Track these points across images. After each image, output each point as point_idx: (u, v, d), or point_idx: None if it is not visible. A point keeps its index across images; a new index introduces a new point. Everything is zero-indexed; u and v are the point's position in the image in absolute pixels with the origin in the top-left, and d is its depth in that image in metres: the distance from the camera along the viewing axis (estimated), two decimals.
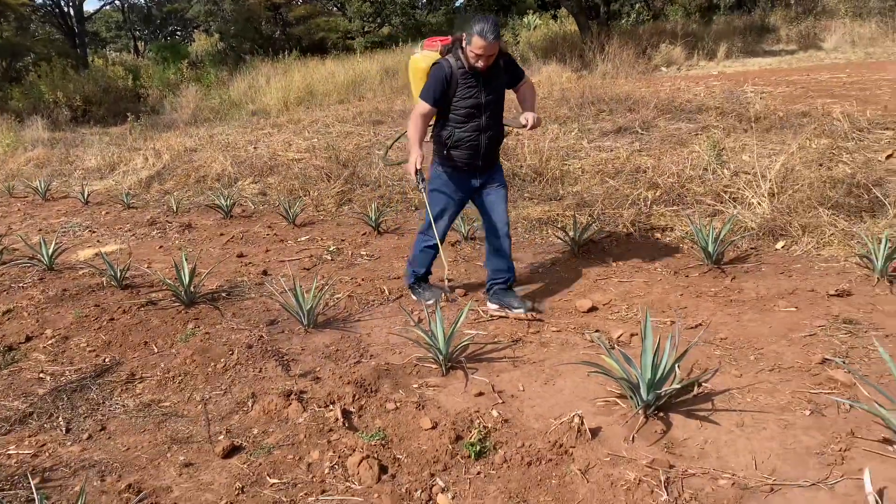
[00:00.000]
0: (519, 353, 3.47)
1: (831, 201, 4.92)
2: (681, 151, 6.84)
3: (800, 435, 2.61)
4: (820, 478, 2.35)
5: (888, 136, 7.02)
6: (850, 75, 12.08)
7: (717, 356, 3.27)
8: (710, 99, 9.88)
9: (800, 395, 2.88)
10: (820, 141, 6.74)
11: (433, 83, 3.69)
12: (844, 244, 4.38)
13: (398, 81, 15.23)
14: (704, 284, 4.15)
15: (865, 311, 3.60)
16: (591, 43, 15.41)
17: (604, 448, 2.59)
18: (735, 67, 14.76)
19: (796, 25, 19.18)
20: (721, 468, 2.44)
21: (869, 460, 2.42)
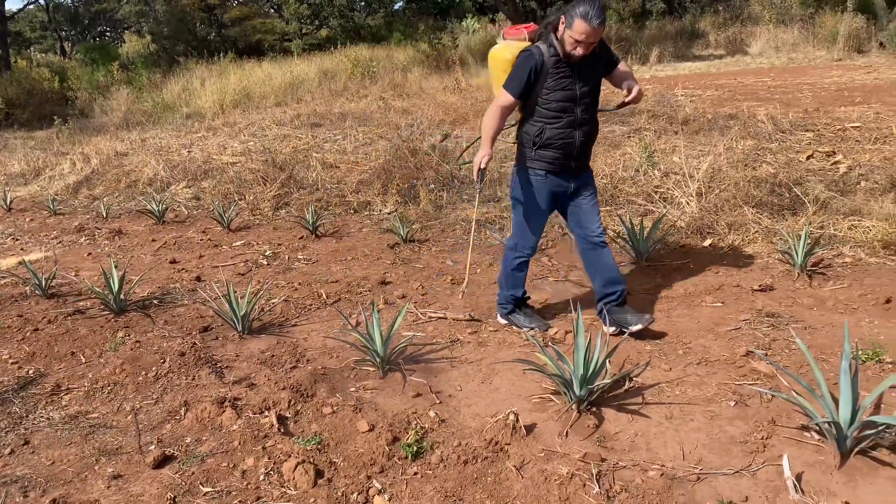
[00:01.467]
0: (457, 354, 3.49)
1: (755, 200, 5.12)
2: (614, 153, 6.99)
3: (725, 425, 2.70)
4: (743, 465, 2.45)
5: (809, 137, 7.34)
6: (775, 79, 12.59)
7: (647, 351, 3.37)
8: (642, 102, 10.14)
9: (725, 386, 2.99)
10: (745, 142, 7.01)
11: (520, 72, 3.28)
12: (767, 241, 4.56)
13: (337, 84, 15.13)
14: (636, 282, 4.26)
15: (786, 304, 3.76)
16: None
17: (538, 444, 2.63)
18: (667, 71, 15.19)
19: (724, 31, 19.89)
20: (651, 460, 2.51)
21: (788, 447, 2.53)
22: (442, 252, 5.09)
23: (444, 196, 6.23)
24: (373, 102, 12.44)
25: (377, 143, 8.63)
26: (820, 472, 2.39)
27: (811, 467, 2.41)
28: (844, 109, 8.69)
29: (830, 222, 4.66)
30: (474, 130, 8.91)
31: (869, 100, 9.33)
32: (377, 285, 4.48)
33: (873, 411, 2.67)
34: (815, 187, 5.22)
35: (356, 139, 9.19)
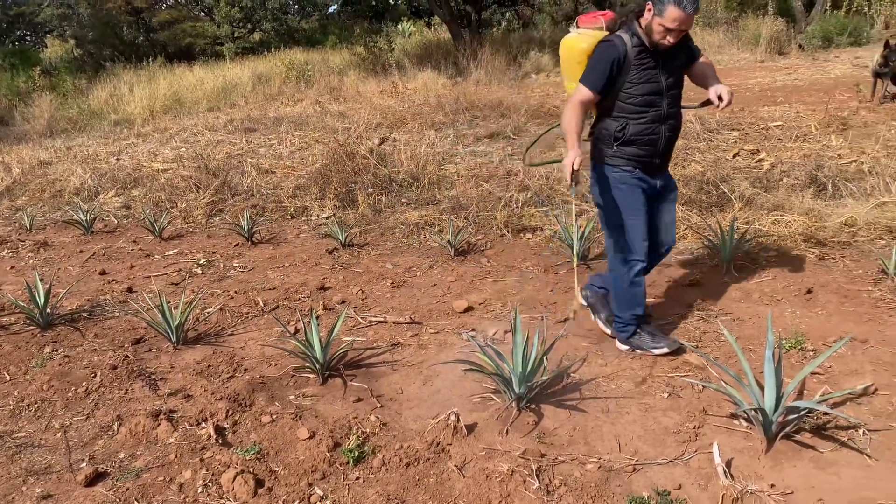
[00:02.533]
0: (398, 357, 3.49)
1: (685, 198, 5.29)
2: (550, 154, 7.11)
3: (659, 416, 2.79)
4: (677, 454, 2.53)
5: (734, 136, 7.63)
6: None
7: (584, 347, 3.44)
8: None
9: (659, 379, 3.08)
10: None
11: (601, 65, 3.01)
12: (697, 237, 4.71)
13: (272, 88, 14.90)
14: (572, 280, 4.33)
15: (715, 297, 3.90)
16: (464, 50, 15.75)
17: (479, 443, 2.65)
18: None
19: None
20: (588, 453, 2.57)
21: (719, 434, 2.62)
22: (382, 256, 5.08)
23: (382, 200, 6.22)
24: (309, 106, 12.32)
25: (314, 148, 8.55)
26: (748, 457, 2.48)
27: (740, 453, 2.51)
28: (767, 109, 9.06)
29: (755, 218, 4.85)
30: (413, 133, 8.93)
31: (790, 99, 9.75)
32: (316, 291, 4.43)
33: (796, 397, 2.79)
34: (741, 184, 5.43)
35: (292, 144, 9.08)
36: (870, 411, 2.72)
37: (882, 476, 2.33)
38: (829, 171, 5.51)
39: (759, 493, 2.27)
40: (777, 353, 2.64)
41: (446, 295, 4.28)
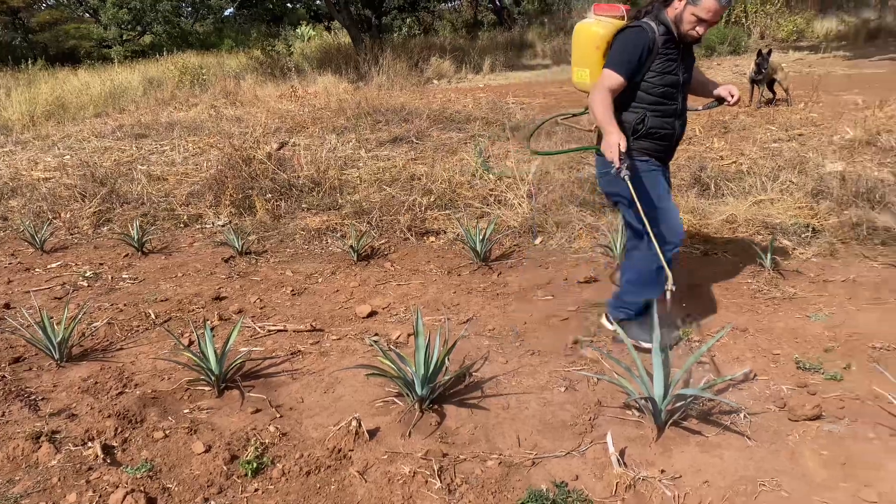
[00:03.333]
0: (298, 366, 3.42)
1: (579, 199, 5.47)
2: (452, 159, 7.18)
3: (557, 410, 2.86)
4: (574, 446, 2.60)
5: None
6: None
7: (485, 346, 3.48)
8: (477, 110, 10.52)
9: (557, 374, 3.16)
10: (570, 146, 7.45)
11: (631, 49, 2.90)
12: (591, 236, 4.88)
13: (164, 92, 14.32)
14: (475, 281, 4.40)
15: (609, 294, 4.03)
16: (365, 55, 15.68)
17: (381, 447, 2.64)
18: (499, 80, 15.85)
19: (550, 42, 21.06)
20: (490, 450, 2.60)
21: (613, 425, 2.71)
22: (281, 263, 4.97)
23: (282, 205, 6.09)
24: (204, 111, 11.91)
25: (209, 153, 8.28)
26: (640, 445, 2.59)
27: (633, 442, 2.61)
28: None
29: None
30: (313, 138, 8.80)
31: None
32: (211, 301, 4.29)
33: (683, 386, 2.92)
34: None
35: (186, 149, 8.75)
36: (750, 396, 2.89)
37: (761, 456, 2.48)
38: (712, 172, 5.85)
39: (650, 479, 2.37)
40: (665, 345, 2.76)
41: (349, 300, 4.24)
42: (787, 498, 2.25)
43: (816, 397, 2.82)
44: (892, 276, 3.99)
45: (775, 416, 2.73)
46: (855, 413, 2.71)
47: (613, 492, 2.32)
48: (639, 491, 2.32)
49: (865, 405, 2.76)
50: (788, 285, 3.95)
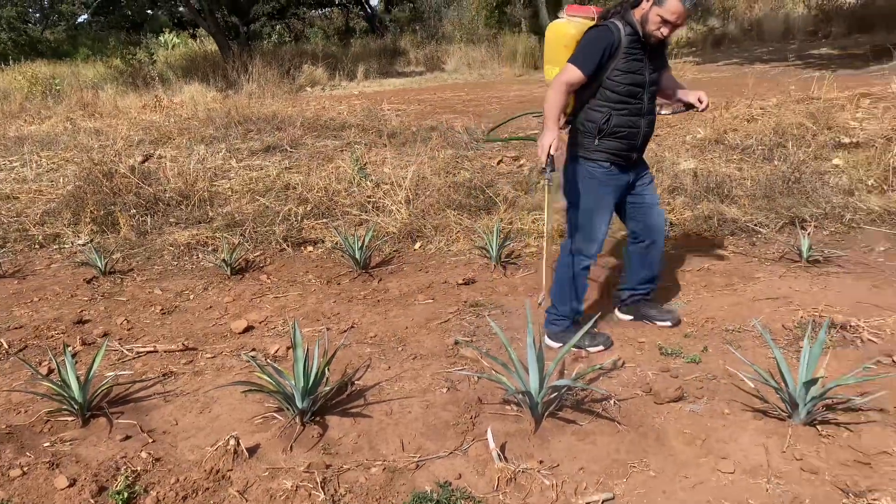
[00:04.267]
0: (171, 388, 3.26)
1: (456, 203, 5.57)
2: (327, 167, 7.11)
3: (439, 411, 2.89)
4: (456, 446, 2.64)
5: (498, 144, 8.19)
6: (468, 93, 13.84)
7: (368, 354, 3.47)
8: (352, 117, 10.48)
9: (439, 375, 3.20)
10: (446, 151, 7.59)
11: (593, 47, 2.96)
12: (468, 239, 4.98)
13: (12, 104, 13.25)
14: (355, 289, 4.37)
15: (487, 293, 4.15)
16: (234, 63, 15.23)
17: (262, 464, 2.57)
18: (374, 87, 15.87)
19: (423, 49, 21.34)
20: (373, 457, 2.60)
21: (493, 421, 2.78)
22: (149, 281, 4.73)
23: (148, 221, 5.79)
24: (59, 124, 11.13)
25: (65, 168, 7.75)
26: (520, 438, 2.67)
27: (512, 436, 2.68)
28: (526, 119, 9.84)
29: (518, 218, 5.24)
30: (181, 149, 8.44)
31: None
32: (73, 326, 4.01)
33: (558, 378, 3.05)
34: (504, 188, 5.83)
35: (39, 165, 8.14)
36: (619, 382, 3.05)
37: (631, 439, 2.62)
38: None
39: (529, 470, 2.45)
40: (538, 339, 2.87)
41: (223, 316, 4.10)
42: (655, 477, 2.39)
43: (678, 380, 3.02)
44: (740, 264, 4.34)
45: (642, 400, 2.89)
46: (712, 392, 2.92)
47: (496, 486, 2.38)
48: (519, 483, 2.39)
49: (721, 384, 2.98)
50: None
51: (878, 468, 2.34)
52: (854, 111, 8.03)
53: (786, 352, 3.13)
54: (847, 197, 5.11)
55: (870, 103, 8.38)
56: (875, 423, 2.60)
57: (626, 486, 2.35)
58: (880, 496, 2.19)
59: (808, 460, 2.41)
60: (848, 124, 7.32)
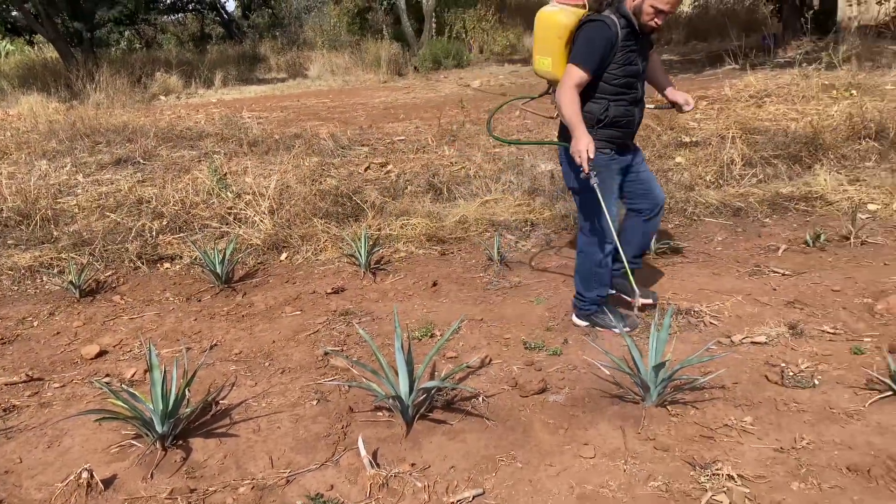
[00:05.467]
0: (13, 423, 3.00)
1: (323, 211, 5.50)
2: (184, 178, 6.80)
3: (310, 424, 2.85)
4: (328, 457, 2.61)
5: (365, 151, 8.17)
6: (333, 100, 13.71)
7: (233, 371, 3.35)
8: (210, 126, 10.08)
9: (308, 388, 3.14)
10: (311, 159, 7.48)
11: (597, 45, 2.98)
12: (337, 247, 4.93)
13: None
14: (217, 305, 4.21)
15: (357, 301, 4.13)
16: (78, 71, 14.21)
17: (120, 495, 2.42)
18: (233, 95, 15.35)
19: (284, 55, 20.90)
20: (241, 477, 2.51)
21: (365, 429, 2.77)
22: None
23: None
24: None
25: None
26: (392, 443, 2.67)
27: (384, 442, 2.69)
28: (392, 125, 9.90)
29: (386, 224, 5.25)
30: (19, 165, 7.77)
31: (410, 116, 10.78)
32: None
33: (429, 379, 3.08)
34: (372, 194, 5.83)
35: None
36: (487, 379, 3.13)
37: (499, 434, 2.70)
38: (444, 178, 6.23)
39: (401, 474, 2.46)
40: (407, 343, 2.89)
41: (73, 342, 3.82)
42: (522, 468, 2.48)
43: (542, 373, 3.14)
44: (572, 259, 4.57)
45: (509, 394, 2.98)
46: (573, 382, 3.06)
47: (368, 494, 2.37)
48: (391, 488, 2.39)
49: (581, 373, 3.13)
50: (514, 275, 4.35)
51: (720, 441, 2.55)
52: (693, 113, 8.72)
53: (639, 339, 3.33)
54: (688, 192, 5.53)
55: (706, 105, 9.12)
56: (717, 400, 2.82)
57: (495, 480, 2.42)
58: (722, 465, 2.38)
59: (661, 439, 2.59)
60: (688, 125, 7.91)
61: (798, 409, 2.72)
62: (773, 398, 2.80)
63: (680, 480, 2.34)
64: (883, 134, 6.27)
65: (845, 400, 2.74)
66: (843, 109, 7.18)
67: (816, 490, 2.25)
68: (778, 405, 2.75)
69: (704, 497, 2.25)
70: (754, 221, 4.98)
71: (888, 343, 3.13)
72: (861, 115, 6.65)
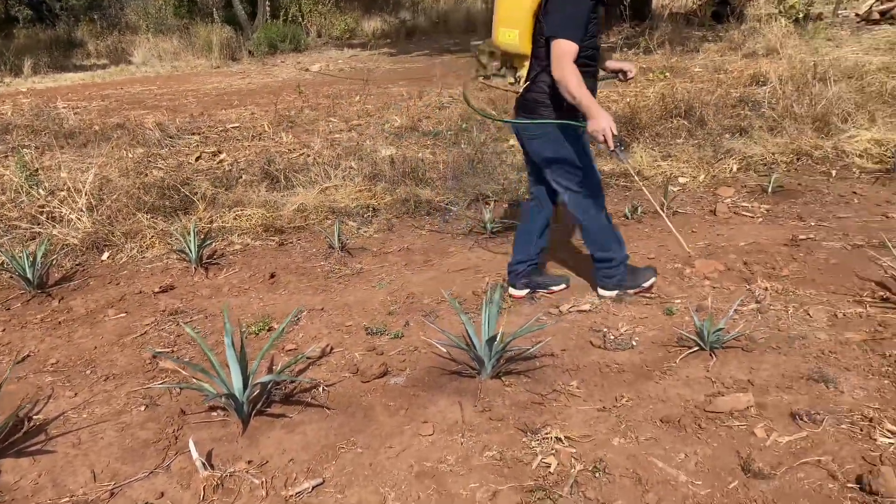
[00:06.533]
0: None
1: (148, 205, 5.16)
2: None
3: (137, 431, 2.68)
4: (157, 464, 2.47)
5: (196, 139, 7.77)
6: (161, 87, 12.91)
7: (49, 383, 3.08)
8: (19, 117, 9.17)
9: (135, 394, 2.96)
10: (136, 150, 7.00)
11: (579, 16, 2.90)
12: (165, 243, 4.65)
13: None
14: (29, 312, 3.85)
15: (188, 299, 3.92)
16: None
17: None
18: (46, 83, 14.04)
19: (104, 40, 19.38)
20: (59, 495, 2.32)
21: (198, 430, 2.65)
22: None
23: None
24: None
25: None
26: (227, 443, 2.58)
27: (219, 442, 2.58)
28: (225, 112, 9.49)
29: (219, 216, 5.03)
30: None
31: (245, 102, 10.38)
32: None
33: (267, 373, 3.00)
34: (202, 185, 5.55)
35: None
36: (328, 369, 3.10)
37: (340, 422, 2.67)
38: (280, 165, 6.06)
39: (237, 473, 2.38)
40: (239, 338, 2.80)
41: None
42: (362, 453, 2.48)
43: (383, 357, 3.15)
44: (436, 241, 4.65)
45: (350, 381, 2.97)
46: (414, 363, 3.10)
47: (202, 497, 2.27)
48: (227, 488, 2.31)
49: (422, 354, 3.17)
50: (356, 262, 4.33)
51: (549, 406, 2.69)
52: None
53: (475, 316, 3.43)
54: (520, 173, 5.75)
55: None
56: (547, 367, 2.97)
57: (335, 468, 2.40)
58: (551, 429, 2.51)
59: (496, 410, 2.69)
60: None
61: (619, 369, 2.92)
62: (596, 361, 2.99)
63: (513, 448, 2.45)
64: (690, 113, 6.85)
65: (659, 358, 2.99)
66: (657, 91, 7.78)
67: (635, 443, 2.43)
68: (601, 368, 2.94)
69: (535, 461, 2.36)
70: None
71: (696, 303, 3.44)
72: (672, 95, 7.24)
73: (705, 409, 2.58)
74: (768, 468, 2.23)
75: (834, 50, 8.78)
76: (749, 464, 2.25)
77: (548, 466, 2.33)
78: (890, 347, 2.89)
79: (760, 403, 2.59)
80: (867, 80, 7.17)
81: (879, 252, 3.76)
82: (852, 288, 3.46)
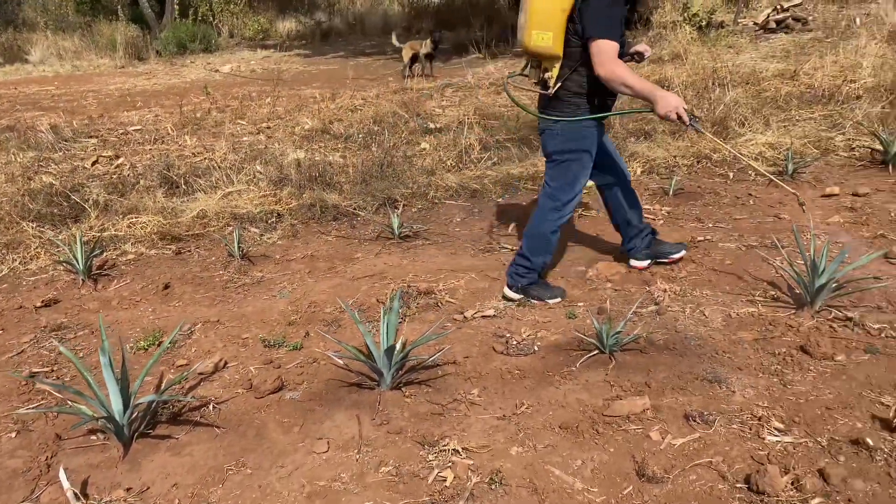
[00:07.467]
0: None
1: (34, 213, 4.84)
2: None
3: (6, 460, 2.47)
4: (25, 496, 2.28)
5: (93, 143, 7.38)
6: (59, 87, 12.26)
7: None
8: None
9: (7, 418, 2.73)
10: (26, 154, 6.59)
11: (616, 16, 2.97)
12: (50, 254, 4.37)
13: None
14: None
15: (73, 314, 3.68)
16: None
17: None
18: None
19: None
20: None
21: (74, 457, 2.47)
22: None
23: None
24: None
25: None
26: (106, 469, 2.41)
27: (97, 468, 2.41)
28: (127, 114, 9.07)
29: (111, 224, 4.76)
30: None
31: (149, 104, 9.97)
32: None
33: (154, 392, 2.82)
34: (94, 191, 5.25)
35: None
36: (221, 384, 2.95)
37: (230, 441, 2.54)
38: (181, 169, 5.81)
39: (114, 502, 2.22)
40: (121, 356, 2.62)
41: None
42: (252, 474, 2.35)
43: (280, 370, 3.03)
44: (342, 247, 4.54)
45: (244, 398, 2.83)
46: (312, 376, 2.99)
47: None
48: None
49: (321, 366, 3.07)
50: (257, 270, 4.18)
51: (449, 416, 2.64)
52: (440, 100, 9.07)
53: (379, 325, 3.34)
54: (430, 176, 5.71)
55: (451, 92, 9.55)
56: (449, 375, 2.92)
57: (222, 492, 2.27)
58: (449, 441, 2.46)
59: (394, 422, 2.61)
60: (434, 111, 8.21)
61: (521, 375, 2.90)
62: (499, 368, 2.96)
63: (410, 462, 2.38)
64: None
65: (560, 362, 2.98)
66: None
67: (533, 452, 2.41)
68: (503, 374, 2.92)
69: (431, 475, 2.30)
70: (489, 202, 5.29)
71: (598, 306, 3.47)
72: None
73: (603, 413, 2.59)
74: (662, 472, 2.25)
75: (734, 57, 9.15)
76: (643, 468, 2.26)
77: (444, 480, 2.27)
78: (779, 346, 2.98)
79: (656, 406, 2.61)
80: (763, 86, 7.51)
81: (771, 252, 3.90)
82: (745, 288, 3.56)
